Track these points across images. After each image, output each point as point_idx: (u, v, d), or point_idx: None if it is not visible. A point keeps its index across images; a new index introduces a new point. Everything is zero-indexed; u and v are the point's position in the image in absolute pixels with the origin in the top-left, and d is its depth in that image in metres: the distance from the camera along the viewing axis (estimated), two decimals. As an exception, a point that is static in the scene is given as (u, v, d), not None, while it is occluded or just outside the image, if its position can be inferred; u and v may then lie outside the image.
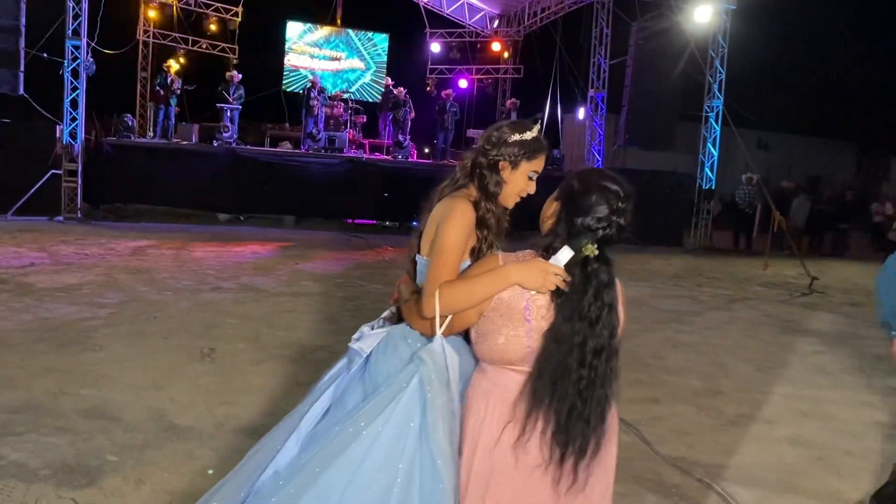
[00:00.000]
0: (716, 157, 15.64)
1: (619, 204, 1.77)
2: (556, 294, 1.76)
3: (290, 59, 19.77)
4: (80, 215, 12.61)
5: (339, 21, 20.40)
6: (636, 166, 16.82)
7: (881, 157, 26.71)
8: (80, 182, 12.66)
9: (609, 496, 1.90)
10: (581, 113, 17.39)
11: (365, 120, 16.88)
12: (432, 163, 15.89)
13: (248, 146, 15.13)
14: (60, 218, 12.38)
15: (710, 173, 15.65)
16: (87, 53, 12.82)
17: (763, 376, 5.54)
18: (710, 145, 15.59)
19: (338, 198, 13.92)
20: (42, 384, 4.32)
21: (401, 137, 15.67)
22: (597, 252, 1.75)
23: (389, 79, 16.33)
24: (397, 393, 1.81)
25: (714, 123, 15.56)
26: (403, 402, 1.80)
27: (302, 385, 4.52)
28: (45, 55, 12.77)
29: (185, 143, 14.33)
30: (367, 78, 20.53)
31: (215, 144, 14.15)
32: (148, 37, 16.71)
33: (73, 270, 8.01)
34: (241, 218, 14.61)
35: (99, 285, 7.29)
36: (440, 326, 1.84)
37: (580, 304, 1.73)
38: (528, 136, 2.05)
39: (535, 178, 2.06)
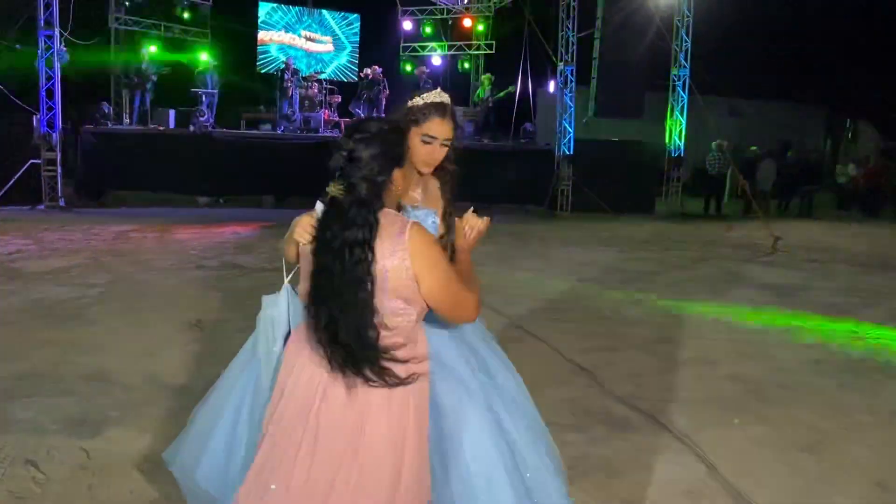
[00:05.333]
0: (683, 126, 16.05)
1: (350, 141, 1.91)
2: None
3: (263, 42, 19.86)
4: (61, 203, 12.81)
5: (311, 1, 20.52)
6: (608, 137, 17.20)
7: (848, 119, 27.24)
8: (59, 170, 12.84)
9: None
10: (552, 86, 17.68)
11: (340, 100, 17.06)
12: (408, 140, 16.05)
13: (224, 129, 15.31)
14: (42, 206, 12.57)
15: (678, 141, 16.07)
16: (60, 43, 12.92)
17: (714, 324, 5.97)
18: (677, 113, 16.00)
19: (316, 177, 14.04)
20: (42, 355, 4.65)
21: (375, 115, 15.87)
22: (337, 190, 1.88)
23: (368, 69, 16.48)
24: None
25: (681, 92, 15.95)
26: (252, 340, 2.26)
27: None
28: (17, 46, 12.88)
29: (162, 128, 14.50)
30: (342, 59, 20.67)
31: (192, 129, 14.33)
32: (120, 24, 16.73)
33: (60, 255, 8.28)
34: (221, 200, 14.87)
35: (86, 268, 7.58)
36: (287, 274, 2.10)
37: (322, 238, 1.88)
38: (418, 101, 2.20)
39: (432, 142, 2.17)
